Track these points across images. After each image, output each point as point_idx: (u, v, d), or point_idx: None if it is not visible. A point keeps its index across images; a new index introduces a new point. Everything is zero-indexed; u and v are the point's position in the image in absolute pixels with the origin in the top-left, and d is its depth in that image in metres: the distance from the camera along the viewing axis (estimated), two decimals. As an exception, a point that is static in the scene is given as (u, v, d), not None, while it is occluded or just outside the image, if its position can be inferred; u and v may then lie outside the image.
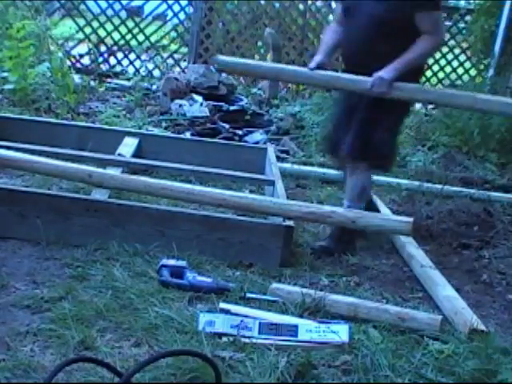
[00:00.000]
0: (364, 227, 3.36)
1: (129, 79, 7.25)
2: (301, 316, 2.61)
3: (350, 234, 3.46)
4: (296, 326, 2.46)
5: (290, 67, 3.93)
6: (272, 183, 3.82)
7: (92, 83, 6.91)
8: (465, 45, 8.29)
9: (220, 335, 2.40)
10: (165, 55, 7.99)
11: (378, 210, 3.71)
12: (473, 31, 7.31)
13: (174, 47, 8.28)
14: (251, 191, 4.30)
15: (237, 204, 3.31)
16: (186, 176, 4.18)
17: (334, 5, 8.13)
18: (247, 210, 3.34)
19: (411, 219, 3.28)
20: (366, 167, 3.45)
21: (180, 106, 5.90)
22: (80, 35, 7.86)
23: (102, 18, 7.74)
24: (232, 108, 6.04)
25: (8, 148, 4.11)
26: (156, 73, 7.73)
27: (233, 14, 8.12)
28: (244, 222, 3.22)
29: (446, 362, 2.36)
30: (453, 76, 8.30)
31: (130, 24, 7.93)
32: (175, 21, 8.40)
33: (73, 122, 5.00)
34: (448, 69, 8.34)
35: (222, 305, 2.61)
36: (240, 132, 5.61)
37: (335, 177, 4.69)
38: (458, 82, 8.06)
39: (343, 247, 3.42)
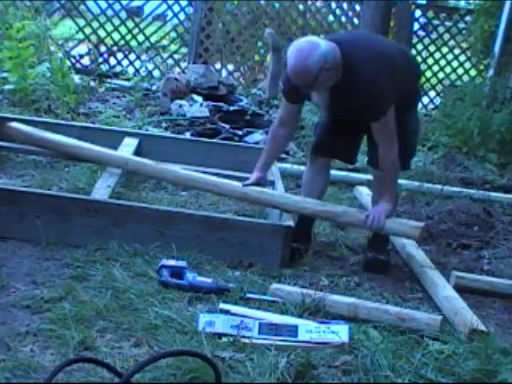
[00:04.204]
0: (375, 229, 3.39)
1: (129, 79, 7.24)
2: (301, 316, 2.61)
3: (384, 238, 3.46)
4: (296, 327, 2.46)
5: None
6: (272, 183, 3.82)
7: (92, 83, 6.91)
8: (465, 45, 8.30)
9: (220, 335, 2.39)
10: (165, 55, 7.99)
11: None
12: (473, 31, 7.32)
13: (173, 47, 8.27)
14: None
15: (257, 198, 3.41)
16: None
17: (333, 5, 8.15)
18: (266, 205, 3.46)
19: (422, 224, 3.24)
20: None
21: (180, 106, 5.89)
22: (80, 35, 7.87)
23: (102, 19, 7.74)
24: (232, 108, 6.04)
25: (8, 148, 4.14)
26: (156, 73, 7.73)
27: (233, 14, 8.12)
28: (244, 222, 3.22)
29: (446, 363, 2.36)
30: (453, 76, 8.31)
31: (130, 24, 7.94)
32: (175, 21, 8.40)
33: (73, 123, 5.00)
34: (448, 69, 8.34)
35: (222, 305, 2.61)
36: (240, 132, 5.61)
37: (335, 177, 4.69)
38: (458, 83, 8.07)
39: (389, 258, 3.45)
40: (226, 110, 5.99)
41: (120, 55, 7.87)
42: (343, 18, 8.17)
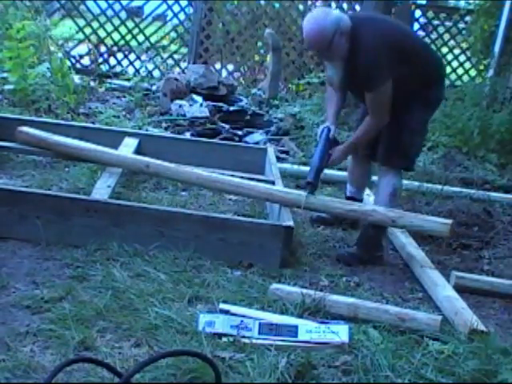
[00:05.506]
0: (403, 227, 3.42)
1: (129, 79, 7.25)
2: (301, 316, 2.61)
3: (375, 243, 3.46)
4: (296, 327, 2.47)
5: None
6: (272, 183, 3.82)
7: (92, 84, 6.91)
8: (465, 45, 8.31)
9: (220, 335, 2.40)
10: (165, 56, 7.99)
11: None
12: (472, 32, 7.32)
13: (173, 48, 8.28)
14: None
15: (282, 199, 3.43)
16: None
17: (333, 5, 8.15)
18: (292, 205, 3.44)
19: (450, 221, 3.32)
20: (395, 169, 3.46)
21: (180, 106, 5.90)
22: (80, 36, 7.87)
23: (102, 19, 7.74)
24: (232, 108, 6.05)
25: (8, 148, 4.13)
26: (156, 73, 7.74)
27: (233, 14, 8.12)
28: (244, 223, 3.22)
29: (446, 363, 2.37)
30: (453, 76, 8.31)
31: (130, 24, 7.94)
32: (175, 21, 8.40)
33: (73, 123, 5.00)
34: (448, 69, 8.33)
35: (222, 305, 2.61)
36: (240, 132, 5.62)
37: (335, 177, 4.69)
38: (458, 83, 8.07)
39: (370, 255, 3.42)
40: (226, 110, 5.99)
41: (120, 55, 7.87)
42: (343, 18, 8.16)
